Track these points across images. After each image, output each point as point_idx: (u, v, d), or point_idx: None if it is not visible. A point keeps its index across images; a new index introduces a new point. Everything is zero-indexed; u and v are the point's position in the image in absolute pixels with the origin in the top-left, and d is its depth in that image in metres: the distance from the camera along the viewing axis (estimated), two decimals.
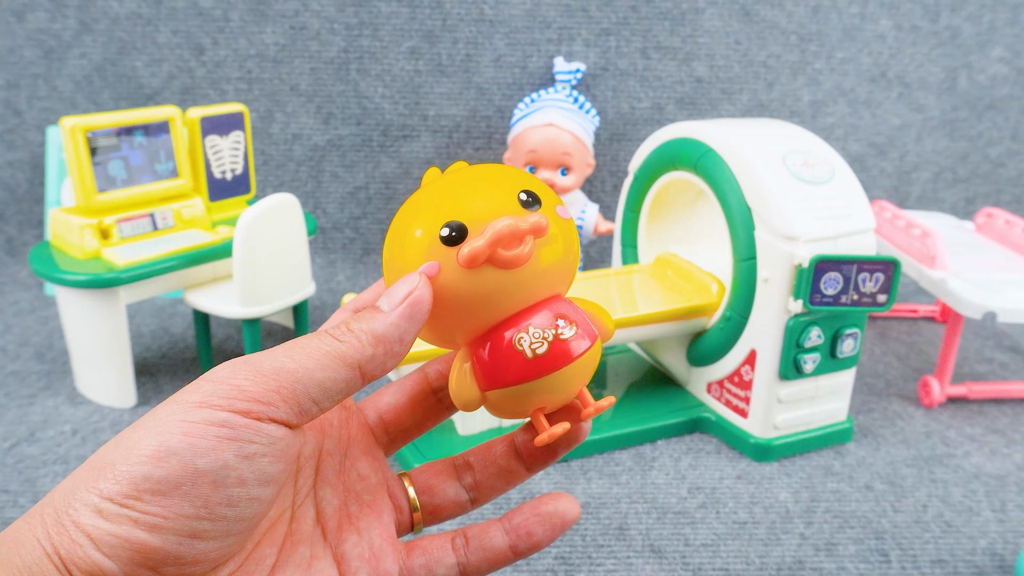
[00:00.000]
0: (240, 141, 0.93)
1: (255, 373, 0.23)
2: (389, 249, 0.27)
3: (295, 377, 0.23)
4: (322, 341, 0.24)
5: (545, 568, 0.64)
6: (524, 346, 0.26)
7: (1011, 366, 1.01)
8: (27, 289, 1.14)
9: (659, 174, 0.88)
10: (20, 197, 1.21)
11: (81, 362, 0.86)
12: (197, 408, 0.22)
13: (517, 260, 0.25)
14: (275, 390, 0.23)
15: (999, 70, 1.27)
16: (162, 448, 0.22)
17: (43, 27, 1.15)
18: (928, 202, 1.32)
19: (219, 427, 0.22)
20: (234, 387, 0.23)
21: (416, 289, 0.25)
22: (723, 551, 0.66)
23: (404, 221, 0.27)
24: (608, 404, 0.28)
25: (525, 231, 0.25)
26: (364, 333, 0.25)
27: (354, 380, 0.25)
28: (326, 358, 0.24)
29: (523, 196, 0.26)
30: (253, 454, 0.23)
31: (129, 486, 0.21)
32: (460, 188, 0.27)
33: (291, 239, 0.85)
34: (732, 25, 1.19)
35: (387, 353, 0.25)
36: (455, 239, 0.25)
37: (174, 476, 0.21)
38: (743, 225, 0.76)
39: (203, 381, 0.23)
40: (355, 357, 0.24)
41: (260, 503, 0.23)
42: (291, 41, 1.16)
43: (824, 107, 1.25)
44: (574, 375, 0.27)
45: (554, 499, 0.28)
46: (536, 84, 1.19)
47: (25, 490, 0.71)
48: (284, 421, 0.23)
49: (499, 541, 0.28)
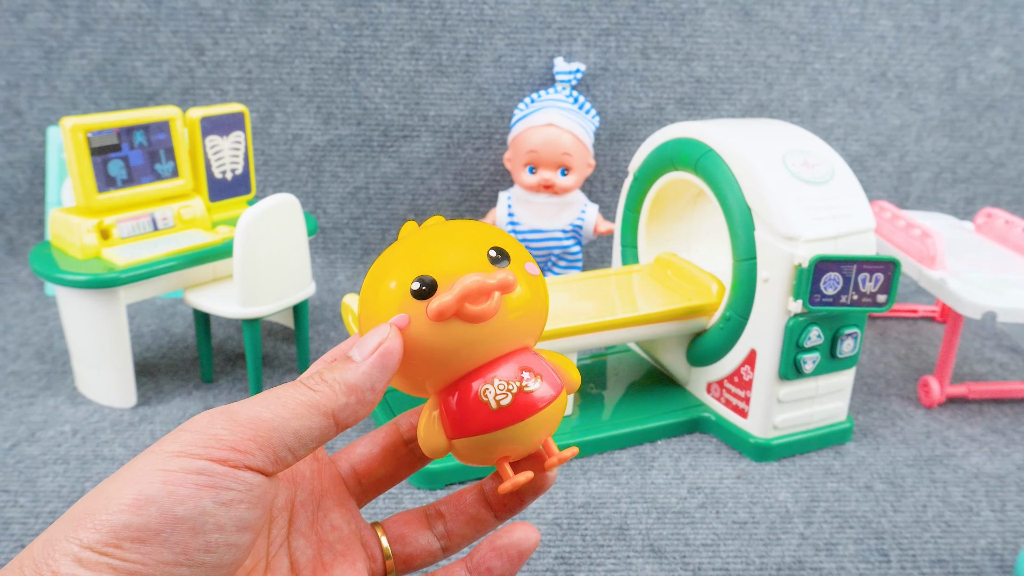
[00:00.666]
0: (240, 141, 0.93)
1: (231, 423, 0.24)
2: (363, 299, 0.29)
3: (271, 426, 0.24)
4: (296, 391, 0.25)
5: (545, 568, 0.64)
6: (489, 397, 0.27)
7: (1011, 366, 1.01)
8: (27, 289, 1.14)
9: (659, 174, 0.88)
10: (20, 197, 1.21)
11: (81, 362, 0.86)
12: (175, 457, 0.23)
13: (483, 315, 0.26)
14: (251, 439, 0.24)
15: (999, 70, 1.27)
16: (141, 496, 0.22)
17: (43, 27, 1.15)
18: (928, 202, 1.32)
19: (197, 475, 0.23)
20: (211, 436, 0.24)
21: (387, 340, 0.26)
22: (723, 551, 0.66)
23: (379, 273, 0.28)
24: (571, 454, 0.29)
25: (492, 287, 0.26)
26: (337, 382, 0.26)
27: (328, 428, 0.25)
28: (301, 407, 0.25)
29: (492, 253, 0.28)
30: (231, 500, 0.23)
31: (109, 534, 0.22)
32: (433, 243, 0.28)
33: (291, 239, 0.85)
34: (732, 25, 1.19)
35: (359, 401, 0.26)
36: (425, 293, 0.26)
37: (153, 523, 0.22)
38: (743, 225, 0.76)
39: (181, 431, 0.24)
40: (329, 406, 0.25)
41: (238, 549, 0.24)
42: (291, 41, 1.16)
43: (824, 107, 1.25)
44: (538, 426, 0.28)
45: (509, 531, 0.29)
46: (536, 84, 1.19)
47: (25, 490, 0.71)
48: (260, 469, 0.24)
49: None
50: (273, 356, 0.97)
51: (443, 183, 1.23)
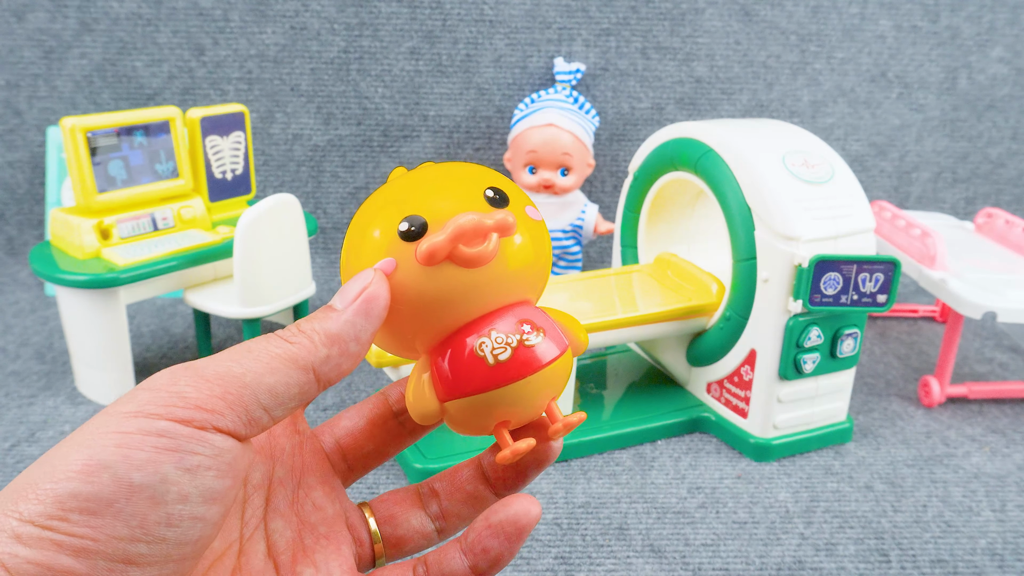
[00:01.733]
0: (240, 141, 0.93)
1: (197, 379, 0.21)
2: (346, 247, 0.25)
3: (242, 382, 0.21)
4: (271, 343, 0.23)
5: (545, 568, 0.64)
6: (485, 352, 0.24)
7: (1011, 366, 1.01)
8: (27, 289, 1.14)
9: (659, 174, 0.88)
10: (20, 197, 1.21)
11: (81, 362, 0.86)
12: (132, 418, 0.20)
13: (480, 258, 0.23)
14: (220, 396, 0.21)
15: (999, 70, 1.27)
16: (92, 461, 0.19)
17: (43, 27, 1.15)
18: (928, 202, 1.32)
19: (157, 436, 0.20)
20: (173, 394, 0.21)
21: (371, 284, 0.23)
22: (723, 551, 0.66)
23: (363, 218, 0.25)
24: (579, 420, 0.26)
25: (489, 227, 0.23)
26: (316, 333, 0.23)
27: (308, 384, 0.23)
28: (276, 361, 0.22)
29: (489, 193, 0.25)
30: (196, 467, 0.20)
31: (53, 505, 0.19)
32: (423, 184, 0.25)
33: (291, 239, 0.85)
34: (732, 25, 1.19)
35: (342, 353, 0.23)
36: (414, 234, 0.23)
37: (106, 492, 0.19)
38: (743, 225, 0.76)
39: (139, 390, 0.21)
40: (308, 359, 0.22)
41: (204, 524, 0.21)
42: (291, 41, 1.16)
43: (824, 107, 1.25)
44: (540, 386, 0.25)
45: (506, 505, 0.25)
46: (536, 84, 1.19)
47: None
48: (231, 431, 0.21)
49: (458, 564, 0.25)
50: None
51: None
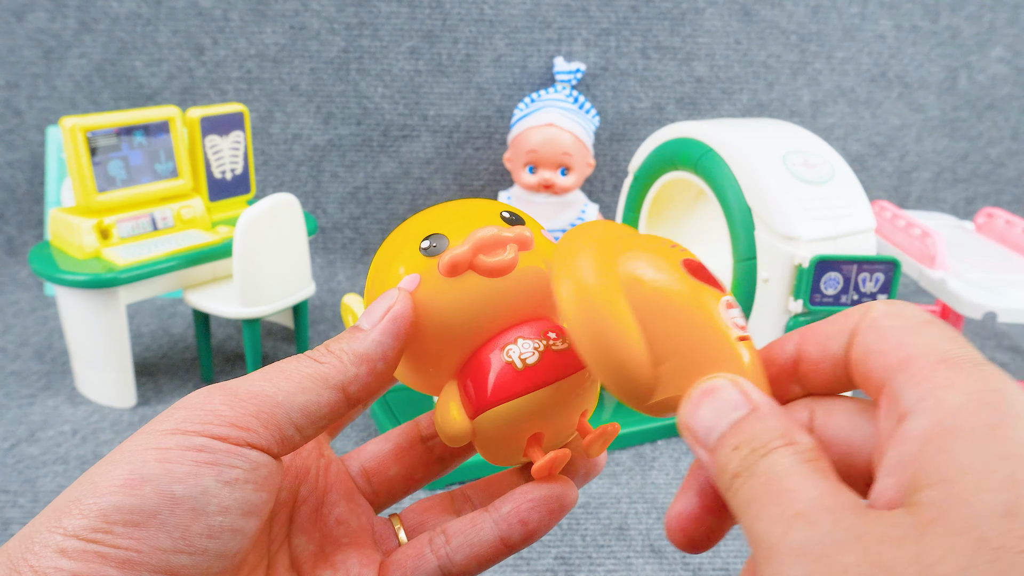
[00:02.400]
0: (240, 141, 0.93)
1: (231, 398, 0.22)
2: (370, 274, 0.26)
3: (275, 401, 0.22)
4: (301, 364, 0.23)
5: (545, 568, 0.64)
6: (513, 357, 0.24)
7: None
8: (27, 289, 1.14)
9: (659, 174, 0.88)
10: (20, 197, 1.21)
11: (81, 362, 0.86)
12: (170, 435, 0.21)
13: (500, 267, 0.24)
14: (254, 415, 0.21)
15: (999, 70, 1.27)
16: (134, 476, 0.20)
17: (43, 27, 1.15)
18: (928, 202, 1.32)
19: (196, 451, 0.20)
20: (209, 412, 0.21)
21: (396, 303, 0.24)
22: (723, 551, 0.66)
23: (384, 247, 0.26)
24: (614, 429, 0.25)
25: (509, 239, 0.24)
26: (345, 353, 0.23)
27: (338, 403, 0.23)
28: (307, 380, 0.23)
29: (505, 215, 0.26)
30: (235, 479, 0.21)
31: (98, 518, 0.19)
32: (442, 212, 0.26)
33: (291, 239, 0.85)
34: (732, 25, 1.19)
35: (371, 372, 0.23)
36: (436, 250, 0.24)
37: (149, 504, 0.19)
38: (743, 225, 0.76)
39: (175, 408, 0.22)
40: (338, 378, 0.23)
41: (243, 537, 0.21)
42: (291, 41, 1.16)
43: (824, 107, 1.25)
44: (570, 394, 0.24)
45: (549, 483, 0.25)
46: (536, 84, 1.19)
47: (25, 490, 0.71)
48: (265, 448, 0.22)
49: (487, 533, 0.25)
50: (273, 356, 0.97)
51: (443, 183, 1.23)
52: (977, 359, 0.17)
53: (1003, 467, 0.15)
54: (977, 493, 0.15)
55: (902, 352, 0.18)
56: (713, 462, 0.19)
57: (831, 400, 0.21)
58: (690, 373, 0.21)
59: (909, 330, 0.19)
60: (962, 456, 0.15)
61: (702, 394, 0.20)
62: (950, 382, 0.17)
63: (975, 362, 0.17)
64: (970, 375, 0.17)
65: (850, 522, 0.16)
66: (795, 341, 0.22)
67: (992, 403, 0.16)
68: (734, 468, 0.18)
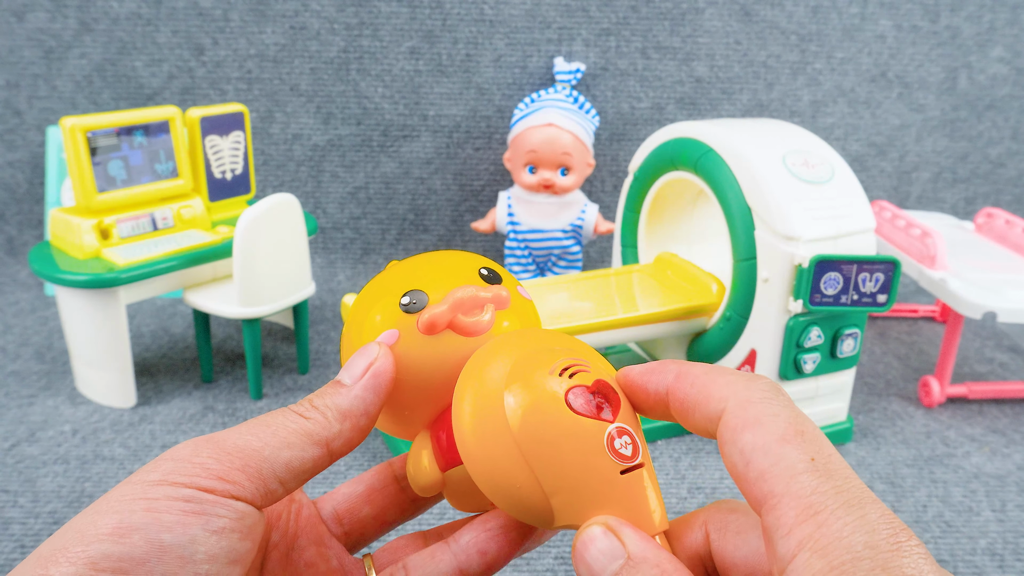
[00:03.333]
0: (240, 141, 0.93)
1: (218, 451, 0.22)
2: (347, 327, 0.27)
3: (261, 456, 0.22)
4: (287, 418, 0.24)
5: (545, 568, 0.64)
6: None
7: (1011, 366, 1.01)
8: (27, 289, 1.14)
9: (659, 174, 0.88)
10: (20, 197, 1.21)
11: (81, 362, 0.86)
12: (157, 486, 0.21)
13: (477, 327, 0.25)
14: (240, 469, 0.22)
15: (999, 70, 1.27)
16: (123, 525, 0.20)
17: (43, 27, 1.15)
18: (928, 202, 1.32)
19: (184, 502, 0.21)
20: (197, 465, 0.22)
21: (377, 359, 0.24)
22: None
23: (362, 300, 0.27)
24: None
25: (486, 299, 0.25)
26: (329, 409, 0.24)
27: (321, 458, 0.24)
28: (292, 436, 0.23)
29: (484, 272, 0.26)
30: (222, 528, 0.21)
31: (86, 566, 0.19)
32: (420, 267, 0.27)
33: (291, 239, 0.85)
34: (732, 25, 1.19)
35: (354, 428, 0.24)
36: (415, 307, 0.25)
37: (138, 552, 0.20)
38: (743, 225, 0.76)
39: (162, 460, 0.22)
40: (322, 434, 0.24)
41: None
42: (291, 41, 1.16)
43: (824, 107, 1.25)
44: None
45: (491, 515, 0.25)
46: (536, 84, 1.19)
47: (25, 490, 0.71)
48: (250, 500, 0.22)
49: (446, 565, 0.25)
50: (273, 356, 0.97)
51: (443, 183, 1.23)
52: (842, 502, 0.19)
53: None
54: None
55: (766, 487, 0.20)
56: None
57: (724, 517, 0.23)
58: (580, 507, 0.22)
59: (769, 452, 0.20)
60: None
61: (582, 544, 0.21)
62: (817, 544, 0.18)
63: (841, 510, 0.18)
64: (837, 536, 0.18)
65: None
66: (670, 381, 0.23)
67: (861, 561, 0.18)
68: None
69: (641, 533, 0.21)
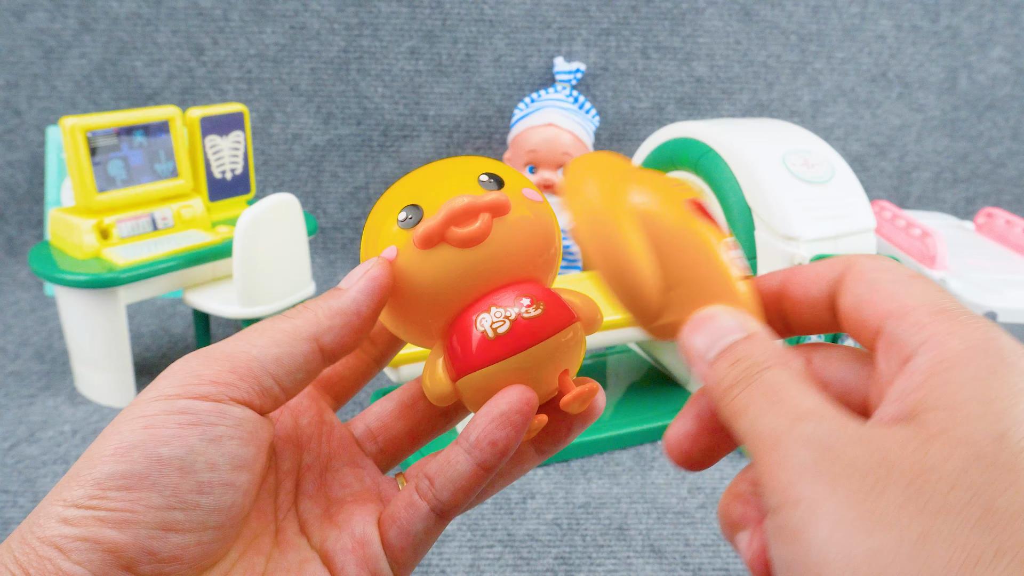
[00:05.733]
0: (240, 141, 0.93)
1: (207, 359, 0.23)
2: (362, 246, 0.27)
3: (249, 355, 0.23)
4: (276, 321, 0.24)
5: (545, 568, 0.64)
6: (485, 326, 0.24)
7: None
8: (27, 289, 1.14)
9: None
10: (20, 197, 1.21)
11: (81, 362, 0.86)
12: (153, 402, 0.22)
13: (471, 238, 0.24)
14: (231, 370, 0.23)
15: (999, 70, 1.27)
16: (123, 444, 0.21)
17: (43, 27, 1.15)
18: (928, 202, 1.32)
19: (179, 415, 0.22)
20: (188, 374, 0.22)
21: (372, 267, 0.25)
22: (723, 551, 0.66)
23: (369, 219, 0.27)
24: (590, 390, 0.25)
25: (480, 207, 0.24)
26: (320, 307, 0.24)
27: (312, 353, 0.24)
28: (280, 335, 0.24)
29: (484, 177, 0.26)
30: (220, 436, 0.22)
31: (93, 487, 0.21)
32: (422, 178, 0.27)
33: (291, 239, 0.85)
34: (732, 25, 1.19)
35: (345, 324, 0.24)
36: (411, 221, 0.25)
37: (138, 468, 0.21)
38: (743, 225, 0.76)
39: (158, 379, 0.23)
40: (310, 330, 0.24)
41: (236, 490, 0.22)
42: (291, 41, 1.16)
43: (824, 107, 1.25)
44: (543, 359, 0.25)
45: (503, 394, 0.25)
46: (536, 84, 1.19)
47: (25, 490, 0.71)
48: (246, 401, 0.23)
49: (464, 466, 0.25)
50: None
51: None
52: (970, 312, 0.19)
53: (999, 403, 0.17)
54: (975, 420, 0.16)
55: (896, 303, 0.20)
56: (711, 373, 0.21)
57: (827, 347, 0.23)
58: (694, 302, 0.22)
59: (900, 283, 0.20)
60: (963, 390, 0.17)
61: (702, 319, 0.22)
62: (950, 330, 0.18)
63: (970, 315, 0.19)
64: (967, 325, 0.18)
65: (855, 426, 0.17)
66: (779, 279, 0.23)
67: (989, 350, 0.18)
68: (733, 378, 0.20)
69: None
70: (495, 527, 0.68)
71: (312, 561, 0.25)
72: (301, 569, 0.25)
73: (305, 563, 0.25)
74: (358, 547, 0.26)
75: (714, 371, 0.21)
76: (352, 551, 0.26)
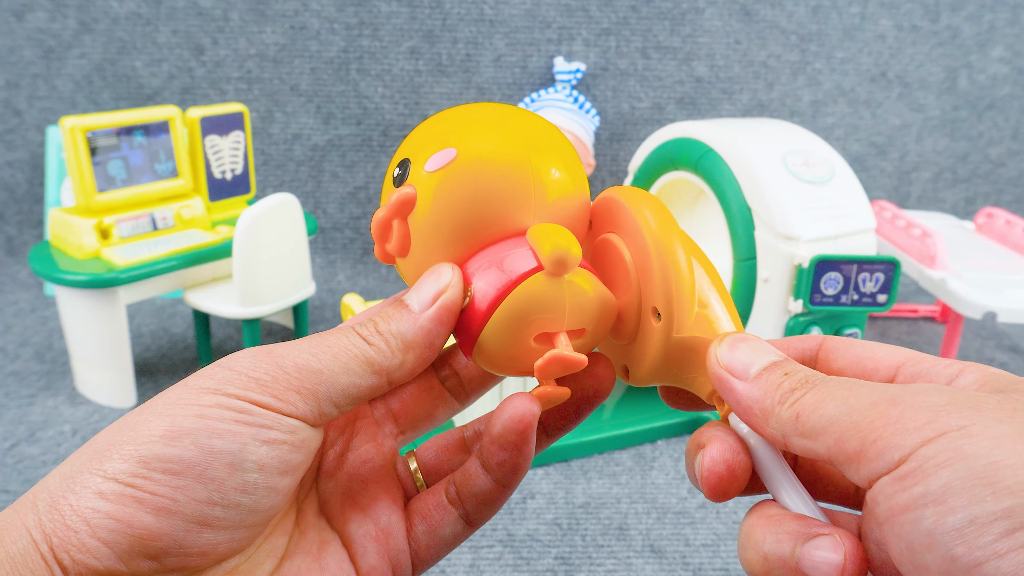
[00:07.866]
0: (240, 141, 0.93)
1: (276, 368, 0.22)
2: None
3: (319, 379, 0.22)
4: (350, 340, 0.23)
5: (545, 568, 0.64)
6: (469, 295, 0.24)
7: (1011, 366, 1.01)
8: (27, 289, 1.14)
9: (659, 174, 0.88)
10: (20, 197, 1.21)
11: (81, 362, 0.86)
12: (210, 394, 0.21)
13: (395, 251, 0.25)
14: (295, 389, 0.22)
15: (999, 70, 1.27)
16: (174, 428, 0.20)
17: (43, 27, 1.15)
18: (928, 202, 1.32)
19: (236, 412, 0.21)
20: (252, 379, 0.21)
21: (447, 288, 0.23)
22: (723, 551, 0.66)
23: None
24: (557, 394, 0.24)
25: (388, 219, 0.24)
26: (393, 338, 0.23)
27: (380, 387, 0.23)
28: (353, 361, 0.23)
29: (397, 171, 0.25)
30: (274, 440, 0.21)
31: (137, 464, 0.20)
32: (438, 123, 0.26)
33: (291, 239, 0.85)
34: (732, 25, 1.19)
35: (417, 359, 0.23)
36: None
37: (188, 455, 0.20)
38: (743, 225, 0.76)
39: (218, 367, 0.22)
40: (383, 364, 0.23)
41: (277, 494, 0.22)
42: (291, 41, 1.16)
43: (824, 107, 1.25)
44: (530, 301, 0.23)
45: (500, 413, 0.24)
46: (536, 84, 1.19)
47: (25, 490, 0.71)
48: (301, 418, 0.22)
49: (482, 483, 0.25)
50: None
51: None
52: None
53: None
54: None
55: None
56: (755, 385, 0.21)
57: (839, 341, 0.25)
58: (715, 325, 0.24)
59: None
60: None
61: (737, 339, 0.22)
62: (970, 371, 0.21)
63: None
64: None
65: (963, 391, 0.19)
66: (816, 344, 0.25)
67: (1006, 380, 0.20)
68: (790, 385, 0.20)
69: None
70: (495, 527, 0.68)
71: (332, 543, 0.25)
72: (321, 550, 0.25)
73: (325, 544, 0.25)
74: (382, 536, 0.25)
75: (761, 382, 0.21)
76: (375, 539, 0.25)
